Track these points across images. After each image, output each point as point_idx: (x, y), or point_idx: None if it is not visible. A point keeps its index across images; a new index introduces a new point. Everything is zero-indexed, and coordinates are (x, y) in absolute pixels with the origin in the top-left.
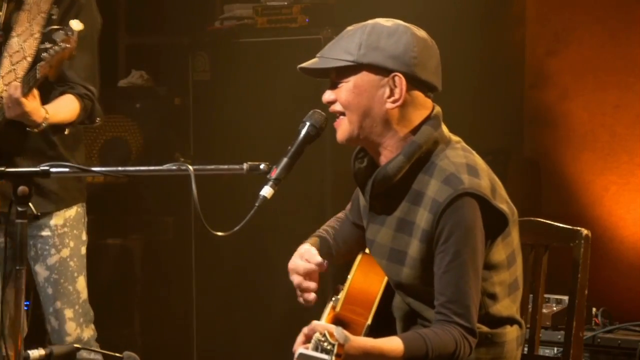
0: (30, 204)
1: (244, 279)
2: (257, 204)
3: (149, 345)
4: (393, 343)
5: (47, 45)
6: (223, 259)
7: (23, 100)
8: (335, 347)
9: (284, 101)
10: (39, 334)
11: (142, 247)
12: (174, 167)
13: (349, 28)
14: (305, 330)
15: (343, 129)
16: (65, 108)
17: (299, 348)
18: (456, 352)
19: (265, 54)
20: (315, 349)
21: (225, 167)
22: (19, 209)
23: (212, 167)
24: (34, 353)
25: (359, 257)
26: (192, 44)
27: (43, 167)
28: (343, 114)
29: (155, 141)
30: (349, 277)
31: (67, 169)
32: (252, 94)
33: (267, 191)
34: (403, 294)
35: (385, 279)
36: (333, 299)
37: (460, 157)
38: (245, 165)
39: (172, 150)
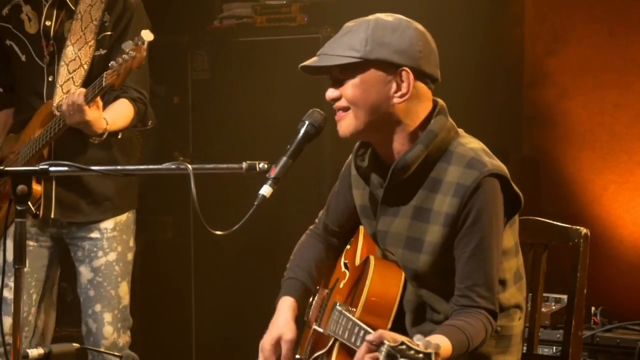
0: (29, 203)
1: (243, 278)
2: (256, 203)
3: (148, 345)
4: (445, 343)
5: (101, 51)
6: (222, 258)
7: (85, 107)
8: (433, 356)
9: (283, 100)
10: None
11: (141, 246)
12: (173, 167)
13: (349, 24)
14: (370, 338)
15: (348, 123)
16: (122, 115)
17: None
18: (485, 338)
19: (264, 53)
20: (394, 358)
21: (224, 166)
22: (18, 207)
23: (211, 166)
24: (33, 352)
25: (372, 261)
26: (191, 43)
27: (42, 166)
28: (347, 109)
29: (154, 140)
30: (367, 282)
31: (66, 168)
32: (251, 93)
33: (266, 190)
34: (417, 285)
35: (402, 281)
36: (339, 304)
37: (474, 142)
38: (244, 165)
39: (171, 150)
